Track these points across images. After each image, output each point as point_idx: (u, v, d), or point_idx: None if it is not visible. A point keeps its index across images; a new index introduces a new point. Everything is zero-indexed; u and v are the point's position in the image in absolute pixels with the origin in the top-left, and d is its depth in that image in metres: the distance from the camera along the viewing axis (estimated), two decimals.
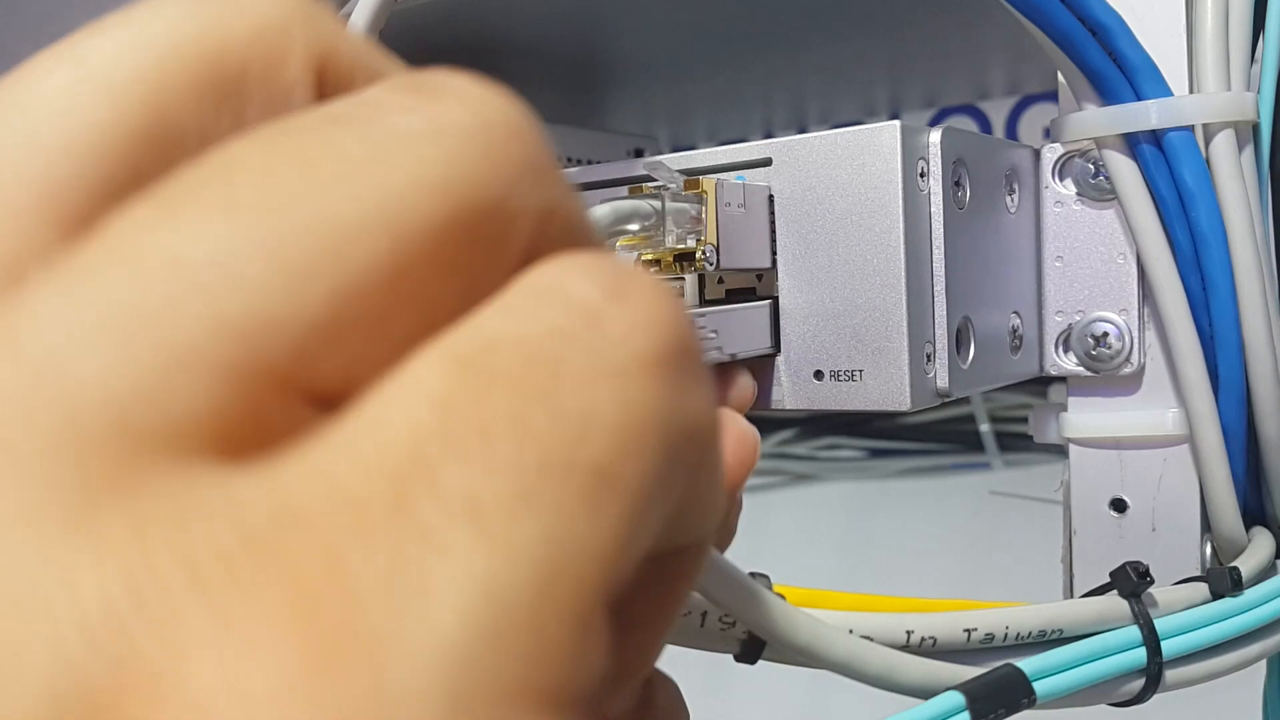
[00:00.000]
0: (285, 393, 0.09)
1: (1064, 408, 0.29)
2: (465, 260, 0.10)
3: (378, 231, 0.10)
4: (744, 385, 0.24)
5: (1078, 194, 0.27)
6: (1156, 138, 0.25)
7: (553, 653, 0.09)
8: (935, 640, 0.21)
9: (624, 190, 0.23)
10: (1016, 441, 0.59)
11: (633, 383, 0.10)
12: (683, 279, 0.25)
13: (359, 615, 0.08)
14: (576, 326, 0.10)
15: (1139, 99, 0.25)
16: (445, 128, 0.10)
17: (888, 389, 0.24)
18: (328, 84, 0.11)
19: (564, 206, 0.12)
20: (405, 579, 0.08)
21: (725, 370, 0.24)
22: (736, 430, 0.22)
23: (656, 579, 0.13)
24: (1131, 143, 0.25)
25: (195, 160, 0.10)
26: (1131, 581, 0.23)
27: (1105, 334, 0.27)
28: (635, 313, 0.10)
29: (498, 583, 0.09)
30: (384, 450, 0.09)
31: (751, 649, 0.20)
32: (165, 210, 0.10)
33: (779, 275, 0.25)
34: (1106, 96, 0.25)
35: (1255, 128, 0.26)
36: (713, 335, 0.23)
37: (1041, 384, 0.45)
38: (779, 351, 0.25)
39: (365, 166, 0.10)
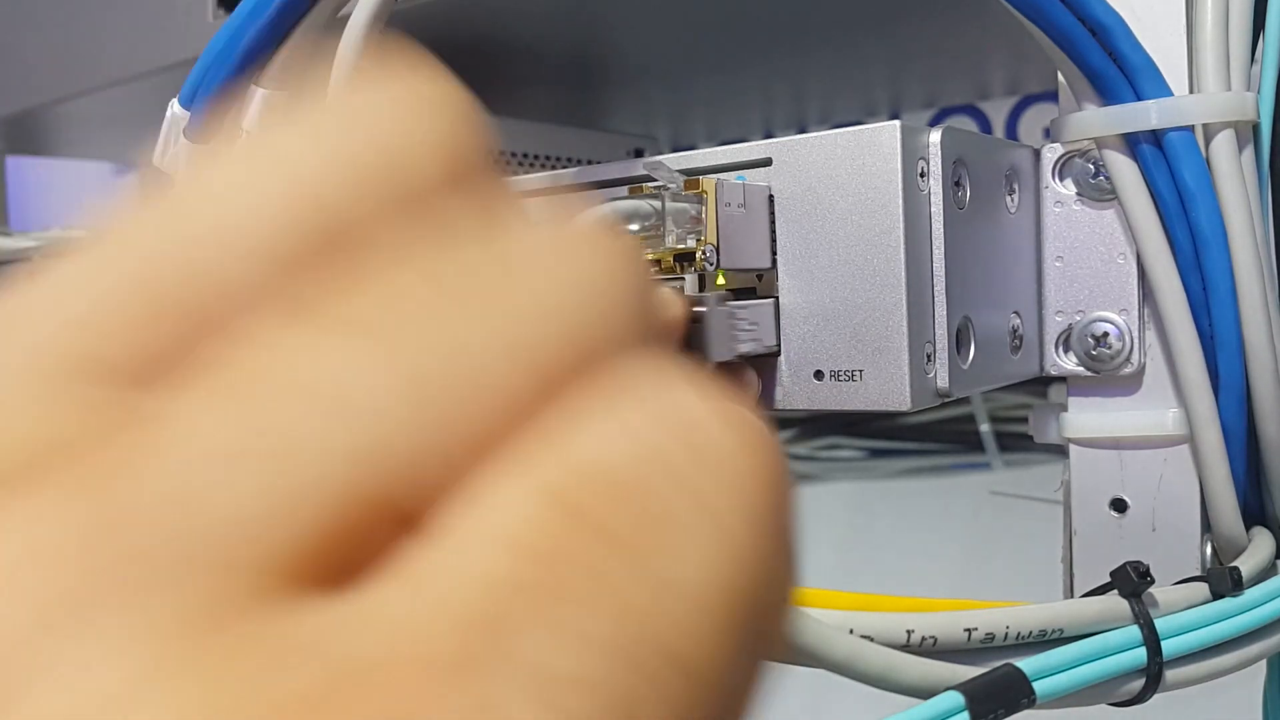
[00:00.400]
0: (389, 518, 0.09)
1: (1064, 408, 0.29)
2: (563, 394, 0.10)
3: (508, 368, 0.09)
4: (754, 384, 0.24)
5: (1078, 194, 0.27)
6: (1157, 138, 0.25)
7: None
8: (936, 640, 0.21)
9: (624, 190, 0.23)
10: (1016, 441, 0.59)
11: (736, 546, 0.09)
12: (683, 279, 0.25)
13: None
14: (678, 455, 0.09)
15: (1139, 99, 0.25)
16: (579, 277, 0.10)
17: (888, 389, 0.24)
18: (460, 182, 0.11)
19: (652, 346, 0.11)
20: None
21: (735, 369, 0.24)
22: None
23: None
24: (1132, 143, 0.25)
25: (347, 269, 0.10)
26: (1132, 581, 0.23)
27: (1105, 334, 0.27)
28: (746, 455, 0.10)
29: None
30: (456, 598, 0.09)
31: None
32: (309, 328, 0.09)
33: (779, 275, 0.25)
34: (1106, 96, 0.25)
35: (1255, 128, 0.26)
36: (754, 327, 0.23)
37: (1041, 384, 0.45)
38: (779, 351, 0.25)
39: (507, 310, 0.10)
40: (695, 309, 0.22)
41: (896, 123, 0.23)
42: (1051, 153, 0.28)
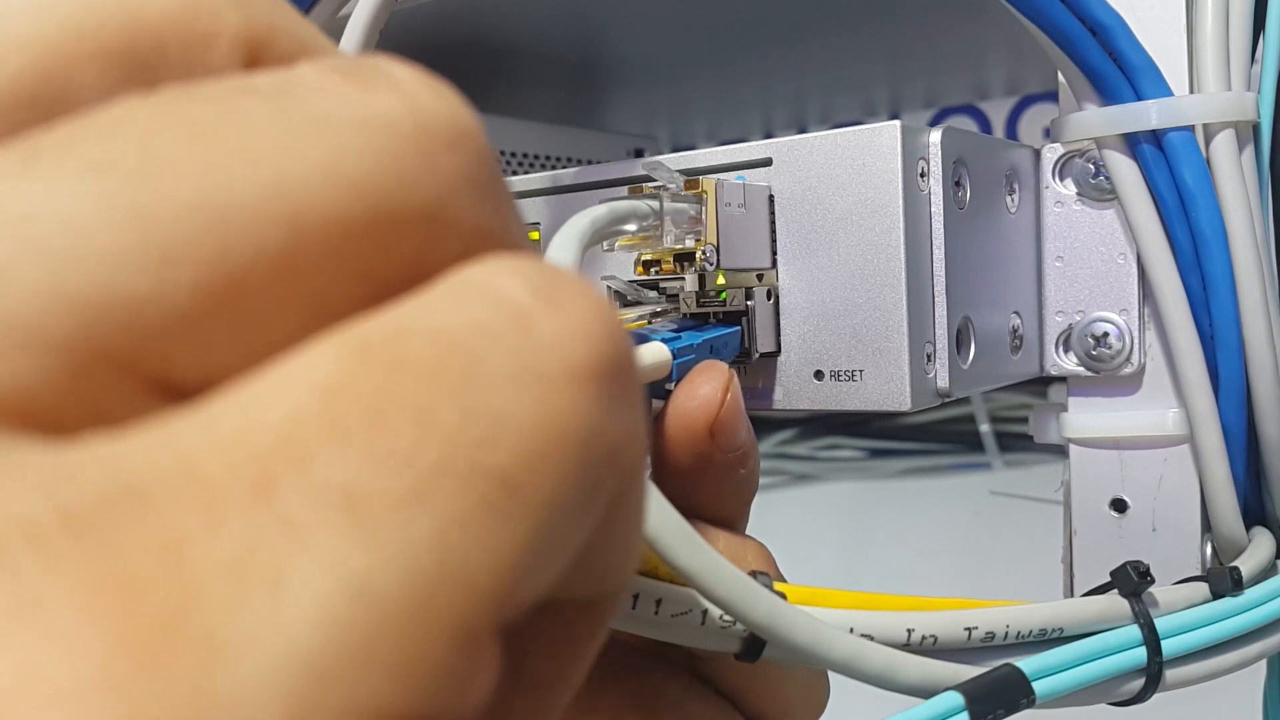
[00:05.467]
0: (130, 378, 0.08)
1: (1064, 408, 0.29)
2: (379, 269, 0.09)
3: (270, 218, 0.08)
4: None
5: (1078, 194, 0.27)
6: (1157, 138, 0.25)
7: (427, 672, 0.08)
8: (936, 639, 0.21)
9: (624, 190, 0.23)
10: (1016, 441, 0.59)
11: (557, 390, 0.09)
12: (683, 279, 0.25)
13: (191, 607, 0.07)
14: (501, 324, 0.09)
15: (1139, 99, 0.25)
16: (375, 120, 0.09)
17: (888, 389, 0.24)
18: (261, 70, 0.10)
19: (503, 230, 0.10)
20: (254, 570, 0.07)
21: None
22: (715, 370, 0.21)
23: (560, 634, 0.12)
24: (1132, 143, 0.25)
25: (76, 116, 0.09)
26: (1132, 581, 0.23)
27: (1105, 334, 0.27)
28: (569, 319, 0.09)
29: (369, 583, 0.08)
30: (249, 430, 0.08)
31: (752, 647, 0.20)
32: (23, 161, 0.08)
33: (779, 275, 0.25)
34: (1107, 96, 0.25)
35: (1255, 128, 0.26)
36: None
37: (1042, 384, 0.45)
38: (779, 351, 0.25)
39: (271, 145, 0.09)
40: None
41: (897, 123, 0.23)
42: (1051, 153, 0.28)
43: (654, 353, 0.22)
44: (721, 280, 0.25)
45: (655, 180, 0.23)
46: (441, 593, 0.08)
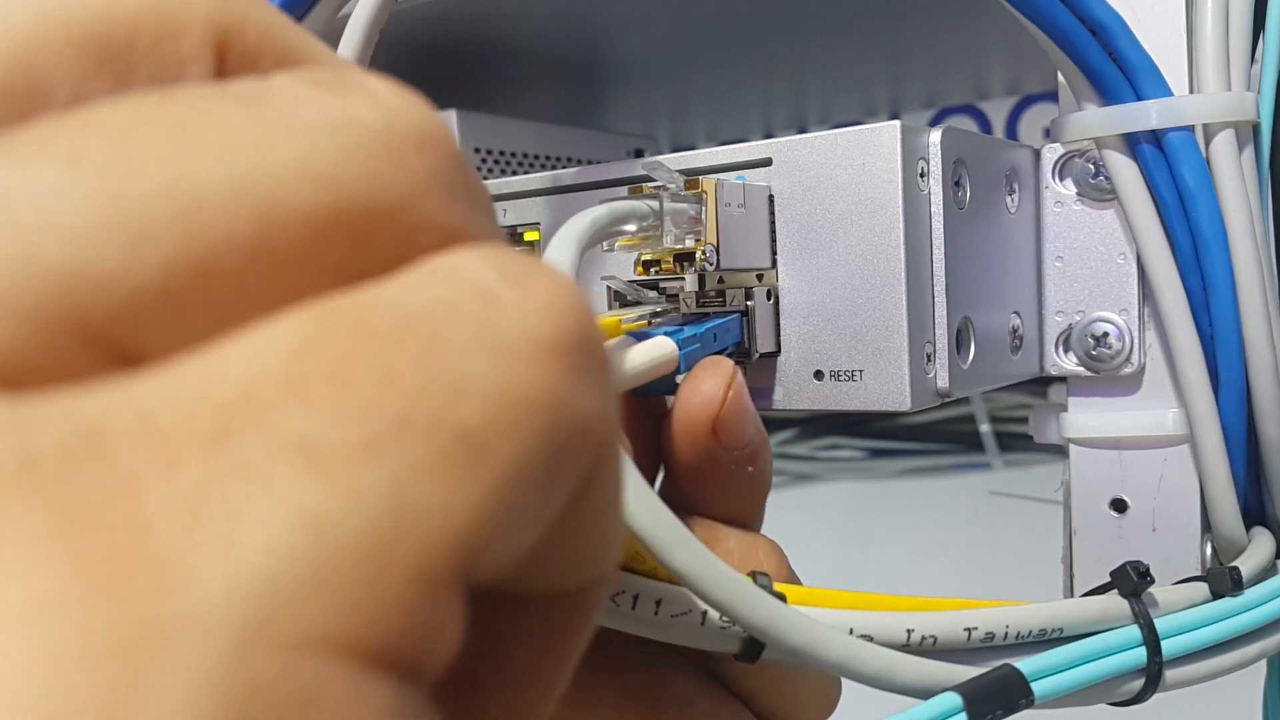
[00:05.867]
0: (98, 348, 0.09)
1: (1064, 408, 0.29)
2: (350, 263, 0.09)
3: (239, 209, 0.09)
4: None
5: (1078, 194, 0.27)
6: (1157, 138, 0.25)
7: (381, 609, 0.08)
8: (936, 639, 0.21)
9: (624, 190, 0.23)
10: (1016, 441, 0.59)
11: (521, 360, 0.09)
12: (683, 278, 0.25)
13: (146, 538, 0.07)
14: (467, 301, 0.09)
15: (1139, 99, 0.25)
16: (347, 122, 0.10)
17: (888, 389, 0.24)
18: (231, 63, 0.10)
19: (476, 229, 0.10)
20: (208, 506, 0.08)
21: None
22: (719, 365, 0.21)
23: (541, 631, 0.12)
24: (1132, 143, 0.25)
25: (53, 115, 0.09)
26: (1132, 581, 0.23)
27: (1105, 334, 0.27)
28: (535, 298, 0.10)
29: (324, 522, 0.08)
30: (210, 387, 0.08)
31: (752, 648, 0.20)
32: (1, 151, 0.09)
33: (779, 275, 0.25)
34: (1106, 96, 0.25)
35: (1255, 128, 0.26)
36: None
37: (1041, 384, 0.45)
38: (779, 351, 0.25)
39: (245, 142, 0.09)
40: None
41: (897, 123, 0.23)
42: (1051, 153, 0.28)
43: (659, 346, 0.22)
44: (721, 280, 0.25)
45: (655, 180, 0.23)
46: (398, 537, 0.08)
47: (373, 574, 0.08)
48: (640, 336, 0.22)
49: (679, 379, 0.22)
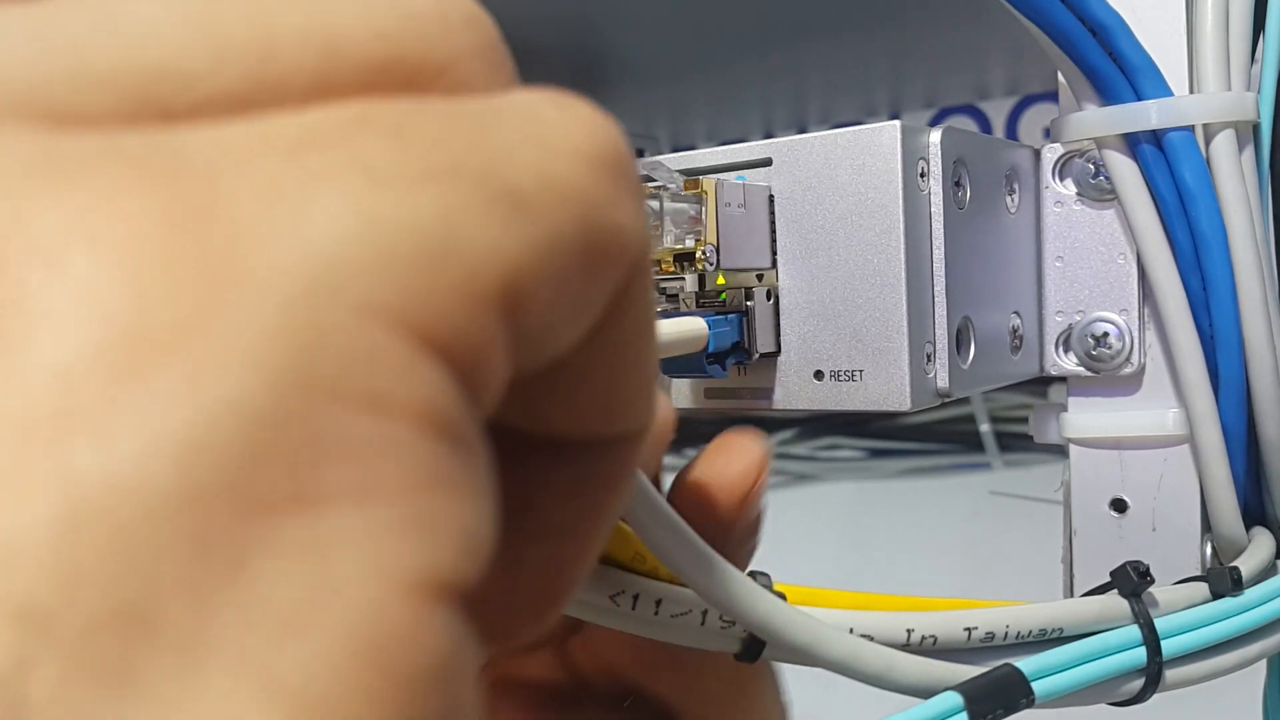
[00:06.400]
0: (180, 123, 0.09)
1: (1064, 408, 0.29)
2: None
3: (308, 45, 0.10)
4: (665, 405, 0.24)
5: (1078, 194, 0.27)
6: (1157, 138, 0.25)
7: (434, 299, 0.09)
8: (936, 639, 0.21)
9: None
10: (1016, 441, 0.59)
11: (565, 159, 0.10)
12: (683, 279, 0.25)
13: (224, 206, 0.08)
14: (512, 110, 0.10)
15: (1139, 99, 0.25)
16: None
17: (888, 389, 0.24)
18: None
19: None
20: (282, 192, 0.08)
21: None
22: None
23: (573, 480, 0.12)
24: (1132, 143, 0.25)
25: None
26: (1132, 581, 0.23)
27: (1105, 334, 0.27)
28: (579, 120, 0.10)
29: (385, 223, 0.08)
30: (282, 127, 0.09)
31: (752, 648, 0.20)
32: None
33: (779, 275, 0.25)
34: (1107, 96, 0.25)
35: (1255, 128, 0.26)
36: None
37: (1042, 384, 0.45)
38: (779, 351, 0.25)
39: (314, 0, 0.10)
40: None
41: (897, 123, 0.23)
42: (1051, 153, 0.28)
43: (690, 321, 0.22)
44: (721, 280, 0.25)
45: (655, 180, 0.23)
46: (449, 252, 0.09)
47: (426, 271, 0.09)
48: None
49: (708, 362, 0.22)
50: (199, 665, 0.07)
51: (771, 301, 0.25)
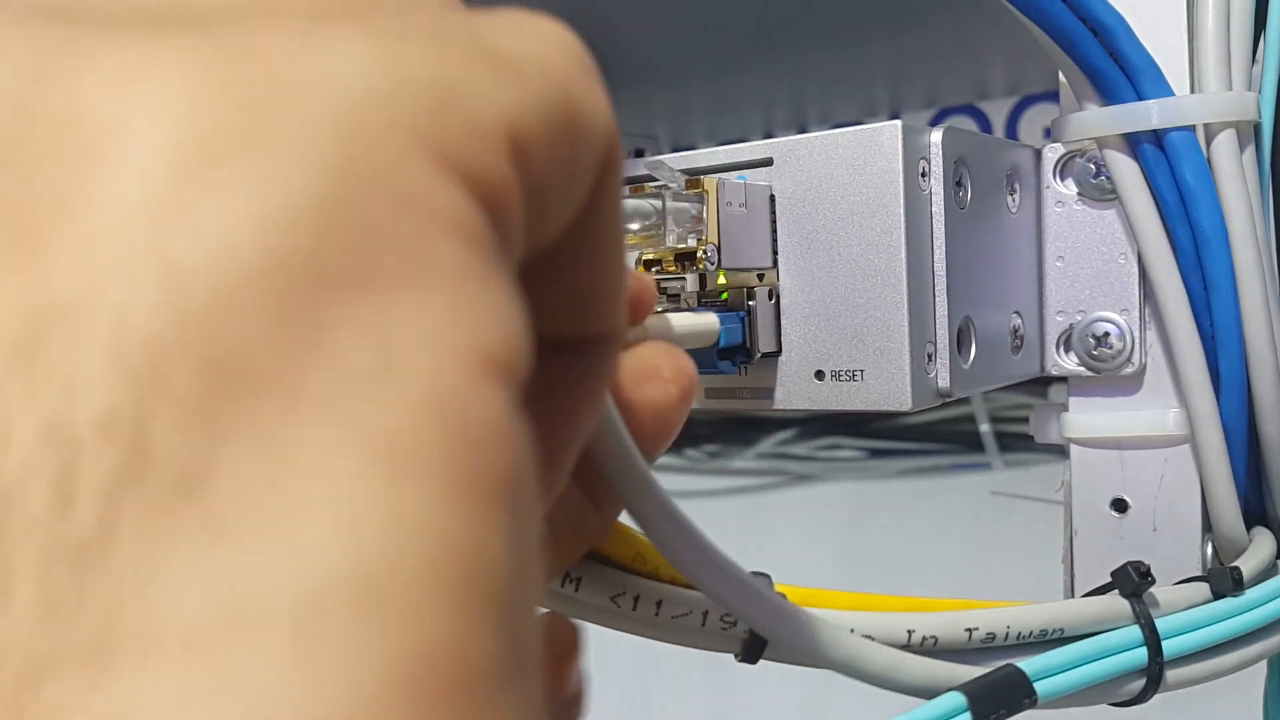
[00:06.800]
0: None
1: (1065, 408, 0.29)
2: None
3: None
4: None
5: (1079, 194, 0.27)
6: (1158, 137, 0.25)
7: (450, 132, 0.10)
8: (936, 639, 0.21)
9: (625, 190, 0.23)
10: (1016, 441, 0.59)
11: (541, 42, 0.11)
12: (684, 278, 0.25)
13: (260, 43, 0.09)
14: (494, 13, 0.11)
15: (1140, 99, 0.25)
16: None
17: (889, 389, 0.24)
18: None
19: None
20: (308, 39, 0.09)
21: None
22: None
23: (554, 377, 0.13)
24: (1133, 142, 0.25)
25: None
26: (1133, 581, 0.23)
27: (1106, 334, 0.27)
28: (545, 21, 0.12)
29: (398, 61, 0.10)
30: (298, 2, 0.10)
31: (753, 648, 0.20)
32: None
33: (780, 275, 0.25)
34: (1108, 96, 0.25)
35: (1256, 127, 0.26)
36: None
37: (1042, 384, 0.45)
38: (780, 351, 0.25)
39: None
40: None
41: (898, 123, 0.23)
42: (1052, 152, 0.28)
43: (705, 318, 0.23)
44: (722, 280, 0.25)
45: (657, 180, 0.23)
46: (454, 96, 0.10)
47: (438, 105, 0.10)
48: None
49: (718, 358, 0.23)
50: (298, 414, 0.08)
51: (773, 301, 0.25)
